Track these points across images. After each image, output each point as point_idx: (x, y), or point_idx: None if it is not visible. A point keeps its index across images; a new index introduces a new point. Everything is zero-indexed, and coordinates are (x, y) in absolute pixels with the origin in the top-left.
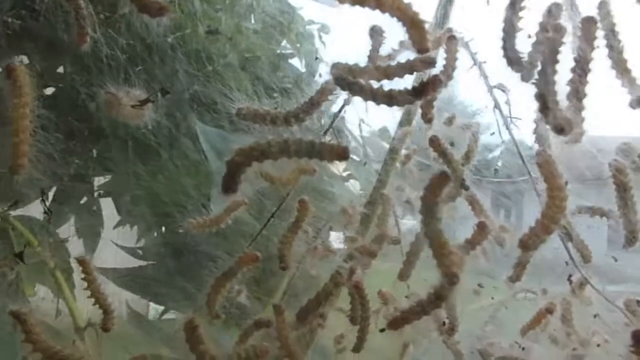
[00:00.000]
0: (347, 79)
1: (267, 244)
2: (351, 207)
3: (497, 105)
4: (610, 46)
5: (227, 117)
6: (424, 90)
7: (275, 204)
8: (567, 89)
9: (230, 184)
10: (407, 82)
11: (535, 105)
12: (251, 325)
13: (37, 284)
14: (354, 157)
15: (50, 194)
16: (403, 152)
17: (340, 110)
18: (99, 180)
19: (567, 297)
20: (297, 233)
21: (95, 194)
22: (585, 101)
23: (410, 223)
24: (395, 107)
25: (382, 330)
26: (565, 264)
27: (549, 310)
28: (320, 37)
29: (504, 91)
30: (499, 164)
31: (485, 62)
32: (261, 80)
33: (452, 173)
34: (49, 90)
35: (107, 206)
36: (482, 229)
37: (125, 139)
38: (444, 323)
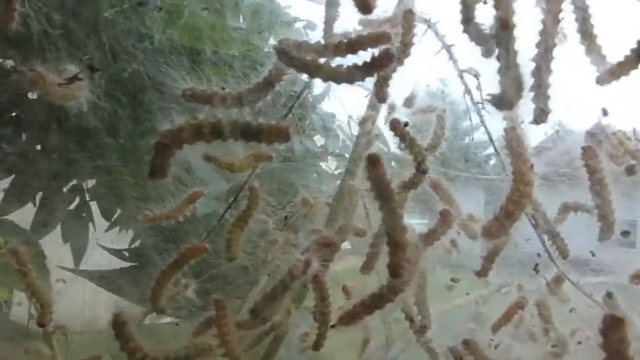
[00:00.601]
0: (290, 54)
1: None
2: (313, 197)
3: (467, 90)
4: (580, 19)
5: (175, 99)
6: (374, 66)
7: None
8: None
9: (158, 168)
10: None
11: None
12: (203, 322)
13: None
14: (346, 155)
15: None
16: None
17: (300, 94)
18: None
19: (544, 292)
20: (247, 222)
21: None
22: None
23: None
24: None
25: (332, 327)
26: (537, 256)
27: (520, 306)
28: (306, 34)
29: (475, 76)
30: (492, 161)
31: (454, 45)
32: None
33: (413, 157)
34: None
35: None
36: (445, 217)
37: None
38: (412, 320)
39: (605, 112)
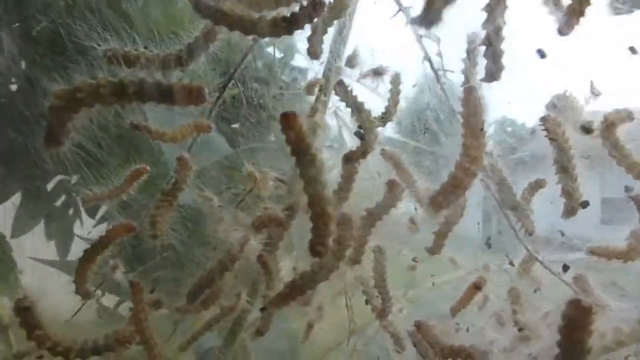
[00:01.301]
0: (206, 4)
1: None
2: (260, 171)
3: (426, 57)
4: None
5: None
6: (299, 19)
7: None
8: None
9: (53, 135)
10: None
11: None
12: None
13: None
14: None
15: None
16: None
17: (243, 59)
18: None
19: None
20: (176, 197)
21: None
22: None
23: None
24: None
25: (262, 310)
26: (498, 233)
27: (477, 286)
28: None
29: (435, 42)
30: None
31: (411, 7)
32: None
33: (359, 123)
34: None
35: None
36: (391, 187)
37: None
38: (371, 303)
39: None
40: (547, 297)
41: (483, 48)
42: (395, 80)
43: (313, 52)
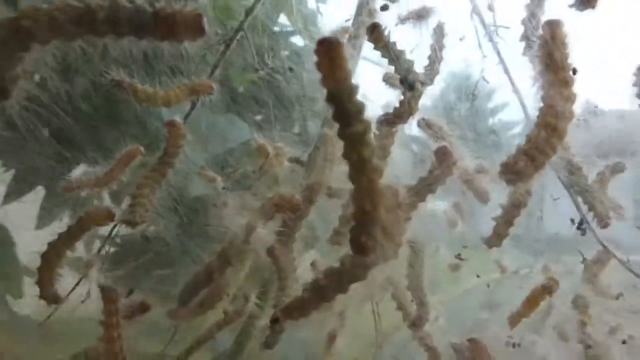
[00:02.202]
0: None
1: None
2: (277, 147)
3: (475, 9)
4: None
5: None
6: None
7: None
8: None
9: None
10: None
11: None
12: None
13: None
14: None
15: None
16: None
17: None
18: None
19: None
20: (165, 173)
21: None
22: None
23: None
24: None
25: (274, 322)
26: (576, 227)
27: (547, 290)
28: (318, 8)
29: None
30: (518, 141)
31: None
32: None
33: (398, 69)
34: None
35: None
36: (442, 156)
37: None
38: (404, 310)
39: None
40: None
41: None
42: (439, 31)
43: None
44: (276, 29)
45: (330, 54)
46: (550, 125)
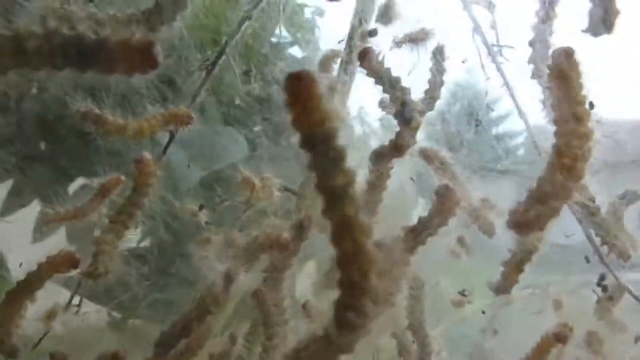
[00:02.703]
0: None
1: None
2: (264, 178)
3: (476, 29)
4: None
5: None
6: None
7: None
8: None
9: None
10: None
11: None
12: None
13: None
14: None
15: None
16: None
17: (240, 25)
18: None
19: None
20: (132, 217)
21: None
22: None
23: None
24: None
25: None
26: (586, 261)
27: (560, 338)
28: (314, 20)
29: (488, 8)
30: (521, 151)
31: None
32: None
33: (394, 102)
34: None
35: None
36: (444, 198)
37: None
38: (405, 351)
39: None
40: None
41: None
42: (439, 53)
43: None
44: (274, 40)
45: (303, 92)
46: (565, 166)
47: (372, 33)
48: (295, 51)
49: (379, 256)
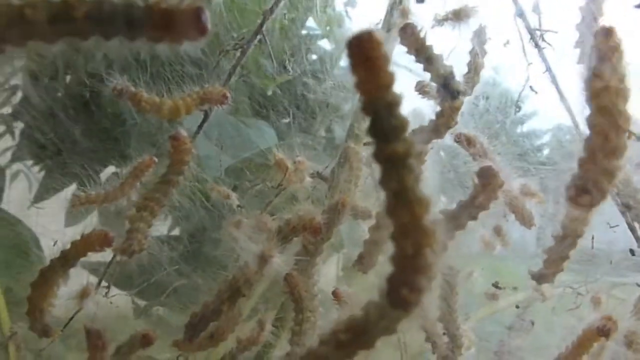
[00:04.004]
0: None
1: None
2: (297, 161)
3: (519, 12)
4: None
5: None
6: None
7: None
8: None
9: None
10: None
11: None
12: (125, 343)
13: None
14: None
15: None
16: None
17: (272, 8)
18: None
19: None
20: (167, 194)
21: None
22: None
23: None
24: None
25: None
26: (631, 253)
27: (603, 332)
28: (346, 12)
29: None
30: (546, 151)
31: None
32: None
33: (435, 75)
34: None
35: None
36: (487, 178)
37: None
38: (434, 344)
39: None
40: None
41: None
42: (480, 35)
43: None
44: (304, 32)
45: (368, 53)
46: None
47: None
48: (325, 44)
49: (436, 231)
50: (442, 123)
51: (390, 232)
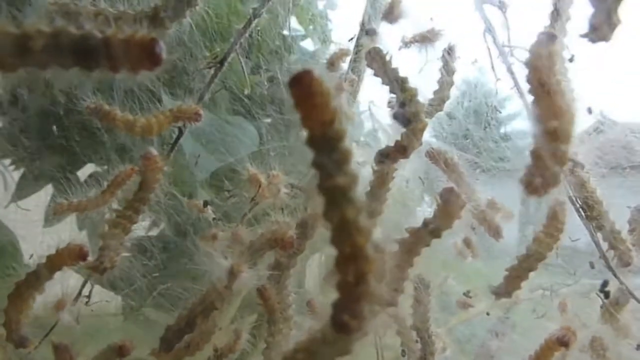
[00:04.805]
0: None
1: None
2: (272, 175)
3: (488, 28)
4: None
5: None
6: None
7: None
8: None
9: None
10: None
11: None
12: (101, 353)
13: None
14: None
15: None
16: None
17: (246, 26)
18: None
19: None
20: (138, 212)
21: None
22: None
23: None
24: None
25: None
26: (591, 266)
27: (563, 342)
28: (326, 14)
29: (500, 8)
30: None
31: None
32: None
33: (399, 95)
34: None
35: None
36: (447, 201)
37: None
38: (408, 350)
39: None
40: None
41: None
42: (450, 53)
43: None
44: (285, 32)
45: (308, 91)
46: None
47: (370, 32)
48: (307, 44)
49: (379, 259)
50: (406, 145)
51: (335, 261)
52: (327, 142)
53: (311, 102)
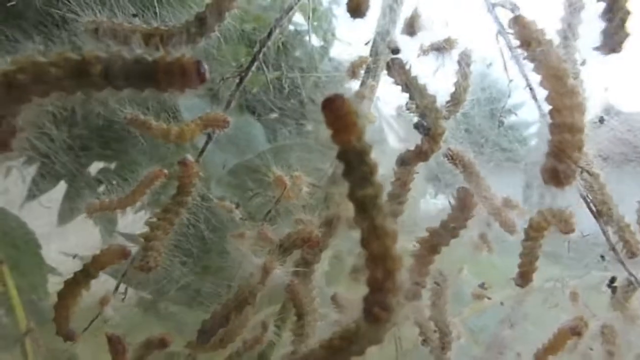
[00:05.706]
0: None
1: None
2: (294, 177)
3: (500, 30)
4: None
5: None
6: None
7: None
8: None
9: None
10: None
11: None
12: (142, 345)
13: None
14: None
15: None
16: None
17: (269, 34)
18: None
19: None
20: (178, 214)
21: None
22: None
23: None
24: None
25: None
26: (602, 259)
27: (575, 331)
28: (331, 10)
29: (512, 10)
30: (534, 142)
31: None
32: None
33: (419, 111)
34: None
35: None
36: (462, 200)
37: None
38: (426, 338)
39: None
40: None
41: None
42: (465, 58)
43: (355, 6)
44: (291, 27)
45: (338, 113)
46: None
47: (395, 51)
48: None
49: (403, 258)
50: (426, 149)
51: (365, 260)
52: (356, 156)
53: (342, 122)
